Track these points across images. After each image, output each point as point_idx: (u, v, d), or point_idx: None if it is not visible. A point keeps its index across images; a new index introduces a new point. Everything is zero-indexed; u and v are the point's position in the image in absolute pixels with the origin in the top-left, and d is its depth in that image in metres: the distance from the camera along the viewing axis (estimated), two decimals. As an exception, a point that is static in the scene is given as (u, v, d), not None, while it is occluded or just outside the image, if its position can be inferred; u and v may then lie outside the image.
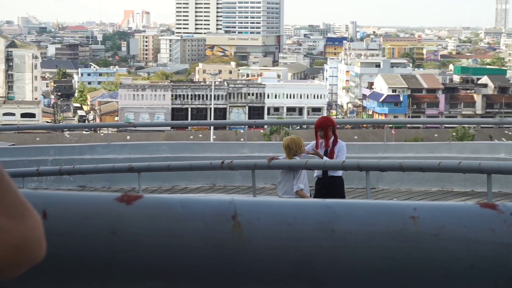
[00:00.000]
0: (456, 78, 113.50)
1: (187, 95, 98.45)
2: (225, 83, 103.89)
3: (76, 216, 1.17)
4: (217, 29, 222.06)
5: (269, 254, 1.18)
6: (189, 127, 64.17)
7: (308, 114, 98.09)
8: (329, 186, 8.02)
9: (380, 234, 1.21)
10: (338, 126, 8.76)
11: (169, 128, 64.90)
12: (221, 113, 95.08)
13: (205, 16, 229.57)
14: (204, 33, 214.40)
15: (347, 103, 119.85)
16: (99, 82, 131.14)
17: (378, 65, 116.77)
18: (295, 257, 1.18)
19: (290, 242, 1.18)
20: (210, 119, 79.68)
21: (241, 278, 1.19)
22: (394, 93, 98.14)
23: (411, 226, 1.22)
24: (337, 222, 1.21)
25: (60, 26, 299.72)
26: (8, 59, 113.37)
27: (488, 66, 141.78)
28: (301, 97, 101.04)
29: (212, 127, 48.18)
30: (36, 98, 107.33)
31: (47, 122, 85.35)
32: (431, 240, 1.21)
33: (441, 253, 1.20)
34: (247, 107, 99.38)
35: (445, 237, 1.21)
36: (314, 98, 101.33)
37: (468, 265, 1.21)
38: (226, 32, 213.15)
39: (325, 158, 8.03)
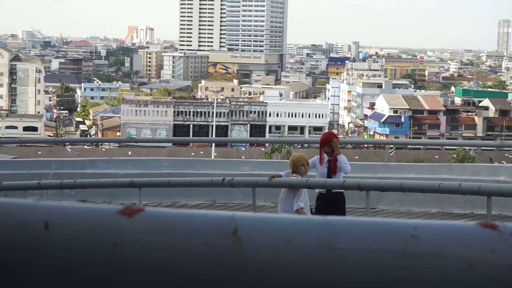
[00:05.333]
0: (458, 100, 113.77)
1: (189, 111, 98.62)
2: (227, 100, 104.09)
3: (78, 228, 1.17)
4: (220, 46, 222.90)
5: (269, 270, 1.18)
6: (191, 144, 64.26)
7: (309, 133, 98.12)
8: (331, 202, 8.04)
9: (380, 252, 1.21)
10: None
11: (170, 144, 64.96)
12: (222, 130, 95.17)
13: (208, 33, 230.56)
14: (207, 50, 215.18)
15: (349, 123, 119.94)
16: (101, 97, 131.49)
17: (380, 86, 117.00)
18: (294, 274, 1.18)
19: (290, 258, 1.18)
20: (212, 136, 79.74)
21: (241, 293, 1.18)
22: (395, 114, 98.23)
23: (411, 245, 1.21)
24: (337, 240, 1.21)
25: (64, 41, 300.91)
26: (12, 72, 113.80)
27: (489, 89, 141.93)
28: (302, 116, 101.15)
29: (213, 144, 48.28)
30: (38, 112, 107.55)
31: (49, 136, 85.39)
32: (431, 259, 1.21)
33: (441, 272, 1.20)
34: (248, 125, 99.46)
35: (445, 257, 1.21)
36: (315, 117, 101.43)
37: (468, 286, 1.20)
38: (229, 49, 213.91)
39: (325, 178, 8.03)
